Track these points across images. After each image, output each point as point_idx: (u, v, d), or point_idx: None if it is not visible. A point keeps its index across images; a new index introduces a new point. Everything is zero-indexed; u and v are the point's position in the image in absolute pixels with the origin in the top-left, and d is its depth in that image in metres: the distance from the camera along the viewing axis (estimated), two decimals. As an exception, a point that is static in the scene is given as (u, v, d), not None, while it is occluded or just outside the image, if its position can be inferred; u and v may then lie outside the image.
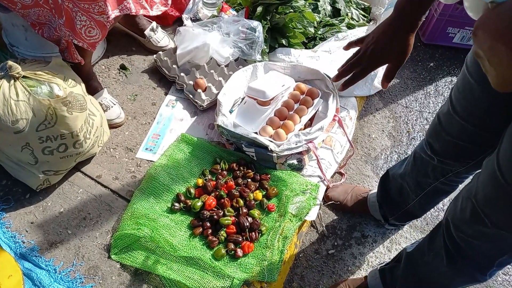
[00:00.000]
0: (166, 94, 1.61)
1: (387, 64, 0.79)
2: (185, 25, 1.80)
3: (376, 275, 1.18)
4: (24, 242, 1.15)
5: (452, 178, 1.05)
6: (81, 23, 1.10)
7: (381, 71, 1.78)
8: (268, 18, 1.63)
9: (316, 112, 1.51)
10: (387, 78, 0.78)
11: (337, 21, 1.77)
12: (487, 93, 0.78)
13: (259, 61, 1.61)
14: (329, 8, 1.80)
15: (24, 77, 1.07)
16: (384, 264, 1.19)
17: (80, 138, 1.15)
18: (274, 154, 1.32)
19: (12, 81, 1.05)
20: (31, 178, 1.19)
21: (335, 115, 1.47)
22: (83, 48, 1.19)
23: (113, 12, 1.11)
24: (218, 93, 1.53)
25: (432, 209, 1.42)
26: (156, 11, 1.34)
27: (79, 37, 1.14)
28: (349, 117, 1.62)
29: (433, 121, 1.00)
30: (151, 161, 1.39)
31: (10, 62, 1.04)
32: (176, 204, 1.25)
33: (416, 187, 1.18)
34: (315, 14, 1.73)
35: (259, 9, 1.66)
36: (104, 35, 1.16)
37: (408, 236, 1.41)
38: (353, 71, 0.80)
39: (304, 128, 1.44)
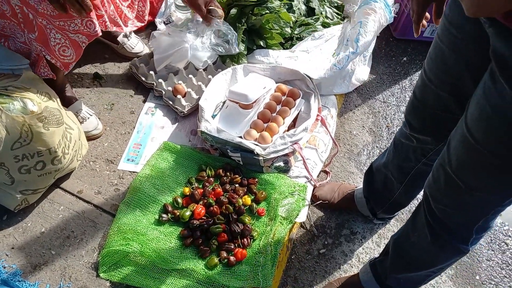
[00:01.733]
0: (144, 101, 1.56)
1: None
2: (158, 29, 1.76)
3: (367, 270, 1.20)
4: (5, 267, 1.09)
5: (433, 157, 1.08)
6: (55, 41, 1.06)
7: (357, 68, 1.81)
8: (244, 20, 1.62)
9: (298, 113, 1.52)
10: (437, 14, 0.83)
11: (312, 20, 1.78)
12: (458, 60, 0.81)
13: (238, 56, 1.59)
14: (303, 7, 1.81)
15: (-6, 93, 1.01)
16: (374, 258, 1.21)
17: (58, 154, 1.10)
18: (261, 158, 1.31)
19: (-19, 98, 0.99)
20: (8, 199, 1.12)
21: (318, 115, 1.48)
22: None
23: (99, 26, 1.07)
24: (199, 98, 1.51)
25: (417, 201, 1.45)
26: (131, 26, 1.30)
27: (53, 54, 1.09)
28: (330, 115, 1.63)
29: (410, 98, 1.03)
30: (134, 172, 1.34)
31: (-23, 79, 0.98)
32: (164, 215, 1.22)
33: (399, 174, 1.21)
34: (290, 14, 1.73)
35: (234, 11, 1.64)
36: (78, 56, 1.12)
37: (395, 229, 1.44)
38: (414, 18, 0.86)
39: (288, 130, 1.44)
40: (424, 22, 0.88)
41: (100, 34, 1.11)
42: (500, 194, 0.77)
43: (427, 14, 0.86)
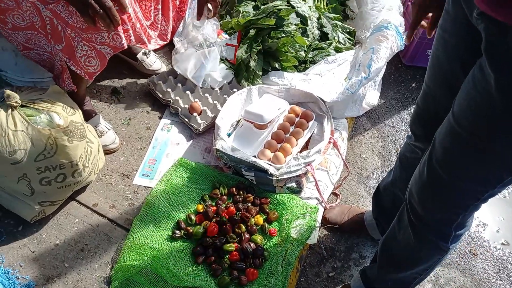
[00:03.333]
0: (160, 118, 1.59)
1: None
2: (176, 48, 1.81)
3: (357, 277, 1.24)
4: (18, 278, 1.09)
5: None
6: (82, 52, 1.09)
7: (367, 93, 1.85)
8: (260, 42, 1.67)
9: (311, 135, 1.55)
10: (432, 25, 0.92)
11: (325, 45, 1.83)
12: (452, 61, 0.89)
13: (253, 76, 1.65)
14: (317, 32, 1.86)
15: (22, 106, 1.04)
16: (364, 266, 1.24)
17: (79, 167, 1.12)
18: (274, 178, 1.33)
19: (10, 110, 1.02)
20: (26, 210, 1.14)
21: (330, 137, 1.51)
22: (79, 75, 1.17)
23: (126, 39, 1.11)
24: (214, 116, 1.54)
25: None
26: (154, 44, 1.35)
27: (78, 65, 1.13)
28: (341, 138, 1.66)
29: (414, 109, 1.10)
30: (148, 187, 1.36)
31: (8, 91, 1.01)
32: (177, 231, 1.23)
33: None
34: (305, 38, 1.78)
35: (252, 32, 1.69)
36: (103, 66, 1.15)
37: (404, 254, 1.45)
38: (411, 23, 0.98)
39: (301, 151, 1.47)
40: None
41: (126, 47, 1.14)
42: (479, 184, 0.81)
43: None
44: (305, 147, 1.53)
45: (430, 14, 0.96)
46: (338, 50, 1.85)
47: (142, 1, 1.29)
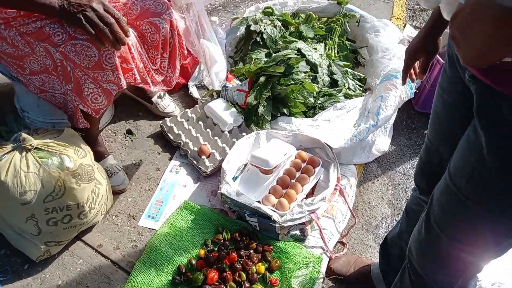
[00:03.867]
0: (170, 159, 1.64)
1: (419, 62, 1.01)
2: (190, 92, 1.89)
3: None
4: (18, 318, 1.11)
5: None
6: (89, 90, 1.16)
7: (378, 139, 1.85)
8: (270, 88, 1.72)
9: (317, 181, 1.54)
10: (423, 70, 0.98)
11: (335, 91, 1.86)
12: (451, 120, 0.90)
13: (262, 121, 1.69)
14: (327, 79, 1.90)
15: (36, 148, 1.10)
16: None
17: (85, 208, 1.16)
18: (277, 225, 1.32)
19: (24, 152, 1.08)
20: (32, 249, 1.17)
21: (336, 185, 1.50)
22: (89, 114, 1.24)
23: (125, 79, 1.18)
24: (222, 159, 1.57)
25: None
26: (158, 87, 1.41)
27: (85, 103, 1.19)
28: (349, 184, 1.65)
29: (417, 162, 1.11)
30: (153, 229, 1.38)
31: (24, 135, 1.08)
32: (177, 277, 1.23)
33: None
34: (314, 84, 1.83)
35: (262, 79, 1.75)
36: (109, 102, 1.21)
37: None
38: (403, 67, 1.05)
39: (307, 197, 1.46)
40: (413, 77, 1.10)
41: (125, 87, 1.20)
42: (477, 247, 0.79)
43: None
44: (311, 193, 1.53)
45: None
46: (347, 96, 1.88)
47: (150, 49, 1.36)
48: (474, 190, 0.73)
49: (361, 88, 1.98)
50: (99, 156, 1.44)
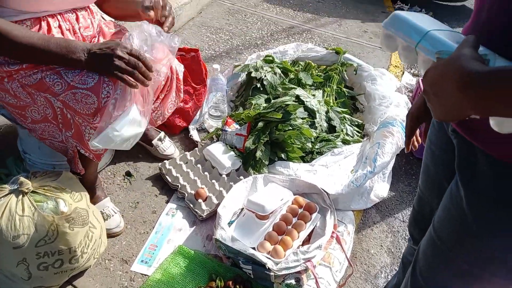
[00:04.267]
0: (167, 202, 1.64)
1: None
2: (191, 135, 1.93)
3: None
4: None
5: None
6: (89, 136, 1.18)
7: (376, 185, 1.85)
8: (268, 133, 1.75)
9: (314, 227, 1.53)
10: (426, 134, 0.96)
11: (333, 137, 1.89)
12: (438, 172, 0.91)
13: (259, 165, 1.70)
14: (325, 124, 1.94)
15: (32, 191, 1.11)
16: None
17: (77, 253, 1.15)
18: (272, 273, 1.30)
19: (21, 196, 1.09)
20: (21, 294, 1.15)
21: (333, 232, 1.48)
22: (88, 158, 1.26)
23: None
24: (219, 203, 1.57)
25: None
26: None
27: (86, 148, 1.22)
28: (347, 231, 1.63)
29: (411, 212, 1.11)
30: (145, 275, 1.35)
31: (21, 178, 1.10)
32: (167, 326, 1.19)
33: None
34: (312, 129, 1.86)
35: (260, 124, 1.79)
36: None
37: None
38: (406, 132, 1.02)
39: (303, 244, 1.44)
40: (415, 143, 1.08)
41: None
42: None
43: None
44: (308, 240, 1.51)
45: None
46: (345, 142, 1.91)
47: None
48: (456, 243, 0.73)
49: (359, 134, 2.01)
50: (95, 199, 1.44)
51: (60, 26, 1.26)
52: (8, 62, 1.16)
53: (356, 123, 2.04)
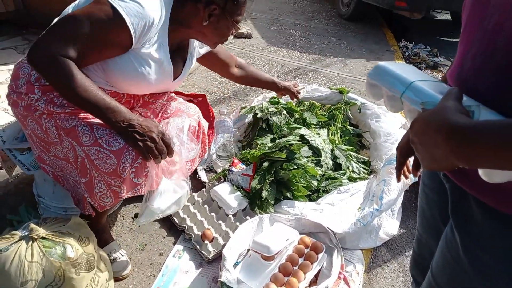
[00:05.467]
0: (174, 243, 1.66)
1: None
2: (198, 176, 1.97)
3: None
4: None
5: None
6: (99, 189, 1.24)
7: (385, 222, 1.82)
8: (273, 173, 1.78)
9: (321, 268, 1.51)
10: (416, 167, 0.93)
11: (338, 175, 1.90)
12: (434, 215, 0.90)
13: (265, 205, 1.71)
14: (330, 162, 1.96)
15: (42, 237, 1.15)
16: None
17: (82, 298, 1.17)
18: (277, 318, 1.27)
19: (30, 242, 1.13)
20: None
21: (340, 272, 1.46)
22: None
23: (127, 194, 1.28)
24: (225, 244, 1.57)
25: None
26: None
27: (94, 198, 1.27)
28: (355, 271, 1.59)
29: (411, 254, 1.09)
30: (151, 319, 1.35)
31: (32, 225, 1.14)
32: None
33: None
34: (318, 167, 1.88)
35: (265, 164, 1.82)
36: (116, 203, 1.29)
37: None
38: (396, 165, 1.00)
39: (310, 285, 1.42)
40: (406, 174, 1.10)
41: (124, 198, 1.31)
42: None
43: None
44: (314, 281, 1.48)
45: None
46: (352, 179, 1.91)
47: None
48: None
49: (365, 171, 2.01)
50: (103, 242, 1.48)
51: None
52: (53, 103, 1.26)
53: (363, 160, 2.05)
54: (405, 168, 1.20)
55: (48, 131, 1.27)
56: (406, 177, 1.15)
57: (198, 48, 1.56)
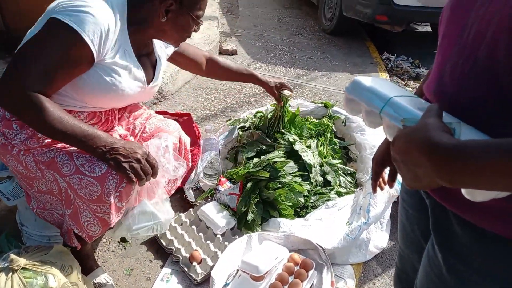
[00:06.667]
0: (162, 266, 1.62)
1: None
2: (185, 196, 1.95)
3: None
4: None
5: None
6: (85, 219, 1.22)
7: (374, 235, 1.82)
8: (258, 193, 1.77)
9: (311, 286, 1.49)
10: (391, 178, 0.92)
11: (327, 190, 1.90)
12: (414, 230, 0.90)
13: (253, 225, 1.69)
14: (320, 179, 1.95)
15: (23, 268, 1.12)
16: None
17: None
18: None
19: (10, 273, 1.10)
20: None
21: (330, 290, 1.45)
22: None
23: (116, 218, 1.25)
24: (214, 265, 1.55)
25: None
26: None
27: (81, 228, 1.24)
28: (346, 287, 1.58)
29: (394, 270, 1.09)
30: None
31: (12, 256, 1.11)
32: None
33: None
34: (307, 183, 1.87)
35: (249, 184, 1.81)
36: (104, 231, 1.26)
37: None
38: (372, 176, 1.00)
39: (300, 305, 1.40)
40: (382, 185, 1.16)
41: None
42: None
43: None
44: (305, 300, 1.46)
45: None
46: (339, 194, 1.91)
47: None
48: None
49: (351, 184, 2.02)
50: (88, 269, 1.44)
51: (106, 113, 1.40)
52: (29, 138, 1.23)
53: (349, 172, 2.06)
54: (381, 179, 1.20)
55: (29, 167, 1.24)
56: (382, 188, 1.15)
57: (164, 49, 1.52)
